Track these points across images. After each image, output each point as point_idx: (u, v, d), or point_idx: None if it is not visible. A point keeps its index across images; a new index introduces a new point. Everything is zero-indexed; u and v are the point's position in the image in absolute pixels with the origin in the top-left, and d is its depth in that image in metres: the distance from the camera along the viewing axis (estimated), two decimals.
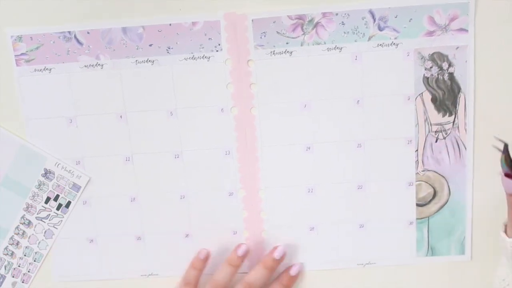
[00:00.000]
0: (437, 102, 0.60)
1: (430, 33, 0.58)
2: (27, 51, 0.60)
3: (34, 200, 0.64)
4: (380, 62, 0.59)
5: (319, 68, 0.59)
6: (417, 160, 0.61)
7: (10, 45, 0.60)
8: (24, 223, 0.64)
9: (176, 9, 0.58)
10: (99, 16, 0.59)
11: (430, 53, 0.59)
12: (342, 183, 0.63)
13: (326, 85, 0.60)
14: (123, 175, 0.63)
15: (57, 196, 0.64)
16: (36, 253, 0.65)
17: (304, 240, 0.64)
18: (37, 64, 0.60)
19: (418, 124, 0.60)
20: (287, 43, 0.59)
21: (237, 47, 0.60)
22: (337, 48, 0.59)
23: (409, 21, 0.57)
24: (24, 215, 0.64)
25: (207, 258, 0.63)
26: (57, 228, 0.64)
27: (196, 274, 0.62)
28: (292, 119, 0.61)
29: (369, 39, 0.58)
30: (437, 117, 0.60)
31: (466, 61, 0.59)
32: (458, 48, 0.58)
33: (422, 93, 0.60)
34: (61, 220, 0.64)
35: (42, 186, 0.63)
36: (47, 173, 0.63)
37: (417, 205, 0.62)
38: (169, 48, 0.59)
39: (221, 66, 0.60)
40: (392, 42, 0.58)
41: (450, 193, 0.62)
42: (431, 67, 0.59)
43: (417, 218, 0.63)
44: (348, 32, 0.58)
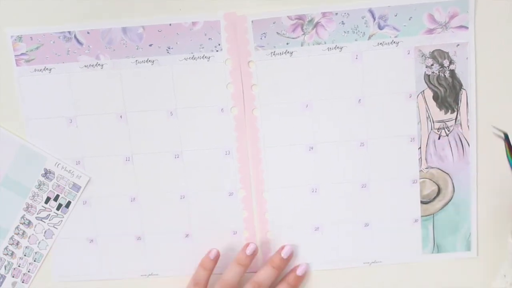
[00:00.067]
0: (439, 100, 0.64)
1: (430, 31, 0.62)
2: (27, 51, 0.64)
3: (34, 200, 0.67)
4: (381, 61, 0.63)
5: (320, 68, 0.63)
6: (421, 158, 0.65)
7: (10, 45, 0.63)
8: (24, 223, 0.68)
9: (176, 9, 0.62)
10: (99, 16, 0.62)
11: (431, 51, 0.62)
12: (346, 183, 0.66)
13: (327, 85, 0.63)
14: (123, 175, 0.67)
15: (57, 196, 0.67)
16: (36, 253, 0.69)
17: (309, 240, 0.68)
18: (37, 64, 0.64)
19: (421, 122, 0.64)
20: (288, 44, 0.62)
21: (237, 48, 0.63)
22: (338, 48, 0.62)
23: (409, 19, 0.61)
24: (24, 215, 0.68)
25: (217, 259, 0.66)
26: (57, 228, 0.68)
27: (206, 274, 0.65)
28: (294, 120, 0.65)
29: (369, 38, 0.62)
30: (439, 114, 0.64)
31: (467, 58, 0.63)
32: (459, 45, 0.62)
33: (424, 91, 0.64)
34: (61, 220, 0.68)
35: (42, 186, 0.67)
36: (47, 173, 0.67)
37: (422, 203, 0.66)
38: (169, 48, 0.63)
39: (221, 66, 0.63)
40: (393, 41, 0.62)
41: (455, 190, 0.66)
42: (432, 65, 0.63)
43: (422, 216, 0.67)
44: (348, 32, 0.62)
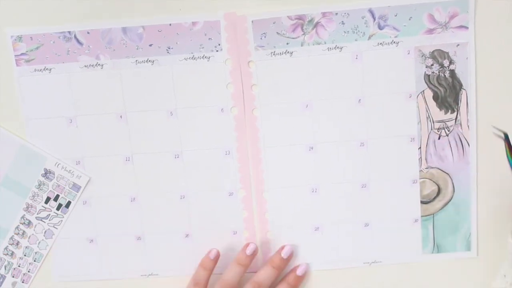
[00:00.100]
0: (439, 100, 0.64)
1: (430, 31, 0.62)
2: (27, 51, 0.64)
3: (34, 200, 0.68)
4: (381, 61, 0.63)
5: (320, 68, 0.63)
6: (421, 158, 0.65)
7: (10, 45, 0.64)
8: (24, 223, 0.68)
9: (176, 9, 0.62)
10: (99, 16, 0.62)
11: (431, 51, 0.63)
12: (346, 183, 0.67)
13: (327, 85, 0.64)
14: (123, 175, 0.67)
15: (57, 196, 0.67)
16: (36, 253, 0.69)
17: (309, 240, 0.68)
18: (37, 64, 0.64)
19: (421, 122, 0.64)
20: (288, 44, 0.62)
21: (237, 48, 0.63)
22: (338, 48, 0.63)
23: (409, 19, 0.62)
24: (24, 215, 0.68)
25: (217, 258, 0.66)
26: (57, 228, 0.68)
27: (206, 274, 0.65)
28: (294, 120, 0.65)
29: (369, 38, 0.62)
30: (439, 114, 0.64)
31: (467, 58, 0.63)
32: (459, 45, 0.62)
33: (424, 91, 0.64)
34: (61, 220, 0.68)
35: (42, 186, 0.67)
36: (47, 173, 0.67)
37: (422, 203, 0.67)
38: (169, 48, 0.63)
39: (221, 66, 0.63)
40: (393, 41, 0.62)
41: (455, 190, 0.66)
42: (432, 65, 0.63)
43: (422, 216, 0.67)
44: (348, 32, 0.62)
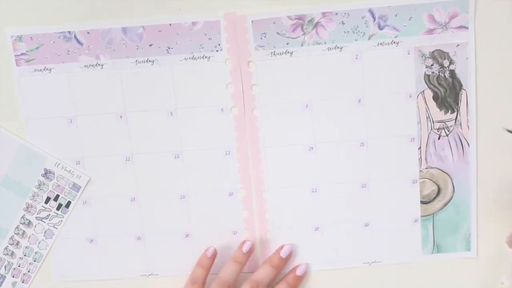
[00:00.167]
0: (439, 100, 0.64)
1: (430, 31, 0.62)
2: (27, 51, 0.64)
3: (34, 200, 0.68)
4: (381, 61, 0.63)
5: (320, 68, 0.63)
6: (420, 158, 0.66)
7: (10, 45, 0.64)
8: (24, 223, 0.68)
9: (176, 9, 0.62)
10: (99, 16, 0.62)
11: (431, 51, 0.63)
12: (346, 183, 0.67)
13: (327, 85, 0.64)
14: (123, 175, 0.67)
15: (57, 196, 0.67)
16: (36, 253, 0.69)
17: (309, 240, 0.68)
18: (37, 64, 0.64)
19: (421, 122, 0.64)
20: (288, 44, 0.62)
21: (237, 48, 0.63)
22: (338, 48, 0.63)
23: (409, 20, 0.62)
24: (24, 215, 0.68)
25: (214, 256, 0.66)
26: (57, 228, 0.68)
27: (203, 273, 0.66)
28: (294, 120, 0.65)
29: (369, 38, 0.62)
30: (439, 115, 0.64)
31: (467, 58, 0.63)
32: (459, 46, 0.63)
33: (424, 91, 0.64)
34: (61, 220, 0.68)
35: (42, 186, 0.67)
36: (47, 173, 0.67)
37: (422, 203, 0.67)
38: (169, 48, 0.63)
39: (221, 66, 0.63)
40: (393, 41, 0.62)
41: (454, 190, 0.66)
42: (432, 65, 0.63)
43: (422, 216, 0.67)
44: (348, 32, 0.62)
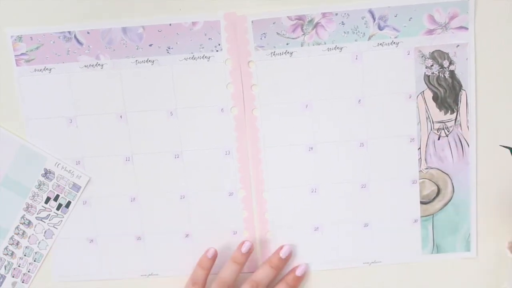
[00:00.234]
0: (439, 100, 0.64)
1: (430, 32, 0.62)
2: (27, 51, 0.64)
3: (34, 200, 0.67)
4: (381, 61, 0.63)
5: (320, 68, 0.63)
6: (420, 158, 0.65)
7: (10, 45, 0.63)
8: (24, 223, 0.68)
9: (176, 9, 0.62)
10: (99, 16, 0.62)
11: (431, 52, 0.63)
12: (345, 183, 0.67)
13: (327, 85, 0.63)
14: (123, 175, 0.67)
15: (57, 196, 0.67)
16: (36, 253, 0.69)
17: (309, 240, 0.68)
18: (37, 64, 0.64)
19: (420, 122, 0.64)
20: (287, 44, 0.62)
21: (237, 48, 0.63)
22: (338, 48, 0.62)
23: (409, 20, 0.61)
24: (24, 215, 0.68)
25: (215, 257, 0.66)
26: (57, 228, 0.68)
27: (204, 274, 0.66)
28: (294, 120, 0.65)
29: (369, 39, 0.62)
30: (439, 115, 0.64)
31: (467, 59, 0.63)
32: (459, 46, 0.62)
33: (424, 91, 0.64)
34: (61, 220, 0.68)
35: (42, 186, 0.67)
36: (47, 173, 0.67)
37: (421, 203, 0.67)
38: (169, 48, 0.63)
39: (221, 66, 0.63)
40: (392, 41, 0.62)
41: (454, 191, 0.66)
42: (432, 65, 0.63)
43: (422, 216, 0.67)
44: (348, 32, 0.62)
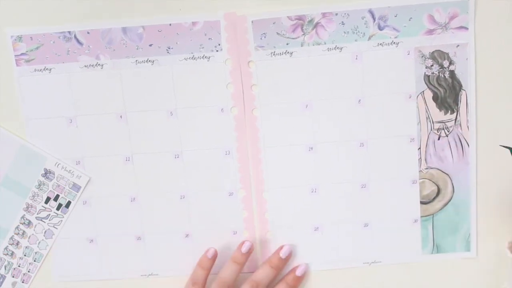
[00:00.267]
0: (439, 100, 0.64)
1: (430, 32, 0.62)
2: (27, 51, 0.63)
3: (34, 200, 0.67)
4: (381, 61, 0.63)
5: (320, 68, 0.63)
6: (420, 158, 0.65)
7: (10, 45, 0.63)
8: (24, 223, 0.68)
9: (176, 9, 0.62)
10: (99, 16, 0.62)
11: (431, 52, 0.62)
12: (345, 183, 0.66)
13: (327, 85, 0.63)
14: (123, 175, 0.67)
15: (57, 196, 0.67)
16: (36, 253, 0.69)
17: (309, 240, 0.68)
18: (37, 64, 0.64)
19: (420, 122, 0.64)
20: (287, 44, 0.62)
21: (237, 48, 0.63)
22: (338, 48, 0.62)
23: (409, 20, 0.61)
24: (24, 215, 0.68)
25: (215, 258, 0.66)
26: (57, 228, 0.68)
27: (204, 274, 0.66)
28: (294, 120, 0.64)
29: (369, 39, 0.62)
30: (439, 115, 0.64)
31: (467, 59, 0.63)
32: (459, 46, 0.62)
33: (424, 91, 0.63)
34: (61, 220, 0.68)
35: (42, 186, 0.67)
36: (47, 173, 0.66)
37: (421, 203, 0.66)
38: (169, 48, 0.63)
39: (221, 66, 0.63)
40: (392, 41, 0.62)
41: (454, 191, 0.66)
42: (432, 65, 0.63)
43: (422, 216, 0.67)
44: (348, 32, 0.62)
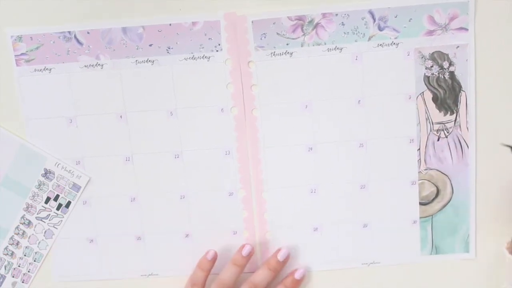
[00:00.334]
0: (438, 101, 0.63)
1: (430, 33, 0.62)
2: (27, 51, 0.63)
3: (34, 200, 0.67)
4: (381, 62, 0.62)
5: (320, 69, 0.63)
6: (419, 159, 0.65)
7: (10, 45, 0.63)
8: (24, 223, 0.68)
9: (176, 9, 0.62)
10: (99, 16, 0.62)
11: (431, 52, 0.62)
12: (345, 183, 0.66)
13: (327, 86, 0.63)
14: (123, 175, 0.66)
15: (57, 196, 0.67)
16: (36, 253, 0.68)
17: (308, 241, 0.68)
18: (37, 64, 0.63)
19: (420, 123, 0.64)
20: (288, 44, 0.62)
21: (237, 48, 0.62)
22: (338, 49, 0.62)
23: (409, 21, 0.61)
24: (24, 215, 0.67)
25: (215, 259, 0.66)
26: (57, 228, 0.68)
27: (203, 275, 0.66)
28: (294, 120, 0.64)
29: (369, 39, 0.62)
30: (439, 116, 0.64)
31: (467, 60, 0.62)
32: (459, 47, 0.62)
33: (423, 92, 0.63)
34: (61, 220, 0.67)
35: (42, 186, 0.67)
36: (47, 173, 0.66)
37: (420, 204, 0.66)
38: (169, 48, 0.63)
39: (221, 66, 0.63)
40: (392, 42, 0.62)
41: (453, 192, 0.66)
42: (432, 66, 0.63)
43: (421, 217, 0.67)
44: (348, 33, 0.62)
